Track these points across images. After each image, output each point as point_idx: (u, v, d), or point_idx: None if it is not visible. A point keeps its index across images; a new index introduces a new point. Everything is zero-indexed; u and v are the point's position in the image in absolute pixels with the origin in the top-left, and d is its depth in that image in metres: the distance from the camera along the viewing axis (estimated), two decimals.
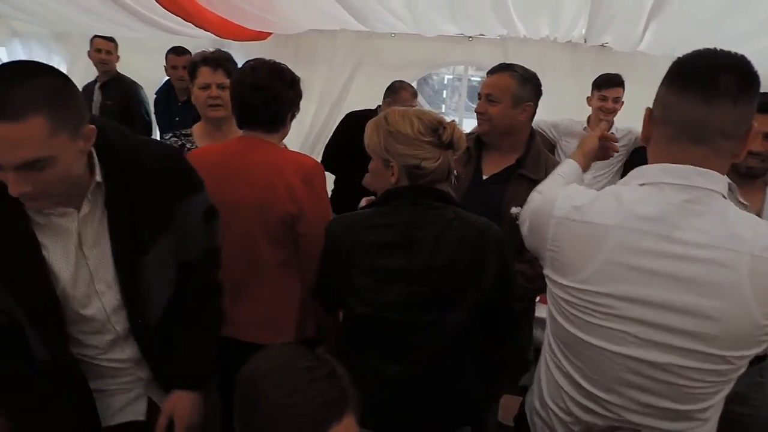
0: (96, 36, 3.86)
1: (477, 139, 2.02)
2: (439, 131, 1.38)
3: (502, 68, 1.94)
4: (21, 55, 4.94)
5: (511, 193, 1.90)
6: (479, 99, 1.97)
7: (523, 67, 1.95)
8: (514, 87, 1.89)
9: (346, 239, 1.42)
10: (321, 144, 4.18)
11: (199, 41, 4.34)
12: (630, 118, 3.19)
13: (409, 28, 3.66)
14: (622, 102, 3.22)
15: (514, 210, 1.91)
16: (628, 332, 1.08)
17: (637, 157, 3.12)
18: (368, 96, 4.25)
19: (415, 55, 4.18)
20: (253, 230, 1.71)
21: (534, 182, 1.88)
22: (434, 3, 3.10)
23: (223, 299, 1.50)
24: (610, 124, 3.18)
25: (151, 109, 4.15)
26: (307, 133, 4.19)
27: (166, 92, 4.02)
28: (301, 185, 1.69)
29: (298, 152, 1.84)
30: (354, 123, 3.19)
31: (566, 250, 1.15)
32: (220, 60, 2.17)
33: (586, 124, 3.26)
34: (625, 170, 3.15)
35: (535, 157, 1.96)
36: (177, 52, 3.77)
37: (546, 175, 1.91)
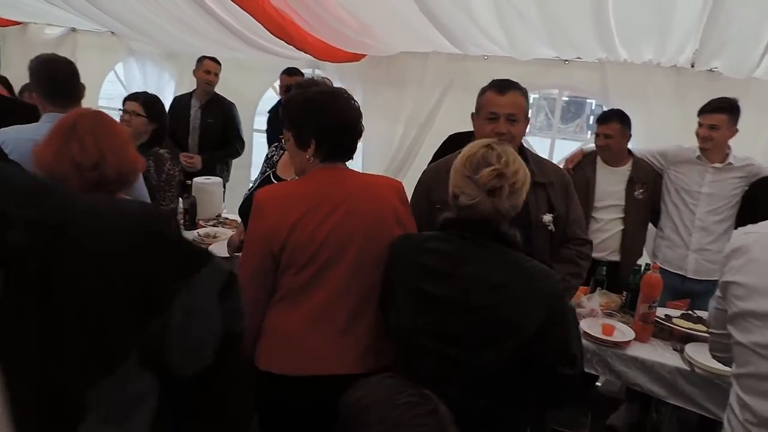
0: (206, 57, 4.11)
1: None
2: (479, 170, 1.35)
3: (511, 86, 1.96)
4: (136, 71, 5.36)
5: (532, 201, 1.95)
6: (491, 118, 1.94)
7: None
8: (525, 104, 1.97)
9: (403, 257, 1.50)
10: (407, 166, 4.22)
11: (296, 62, 4.54)
12: (742, 147, 2.97)
13: (503, 51, 3.63)
14: (734, 130, 2.94)
15: (546, 218, 2.00)
16: None
17: (760, 189, 2.83)
18: (457, 118, 4.24)
19: (508, 77, 4.12)
20: (363, 259, 1.64)
21: (545, 186, 2.03)
22: (532, 27, 3.06)
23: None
24: (725, 153, 2.92)
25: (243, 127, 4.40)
26: (394, 154, 4.23)
27: (277, 111, 4.23)
28: (401, 206, 1.70)
29: (375, 174, 1.83)
30: (457, 145, 3.21)
31: None
32: None
33: (698, 152, 2.99)
34: (743, 202, 2.89)
35: (535, 162, 2.04)
36: (288, 72, 3.95)
37: (552, 175, 2.08)
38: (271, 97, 5.05)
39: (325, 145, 1.62)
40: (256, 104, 4.99)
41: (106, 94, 5.94)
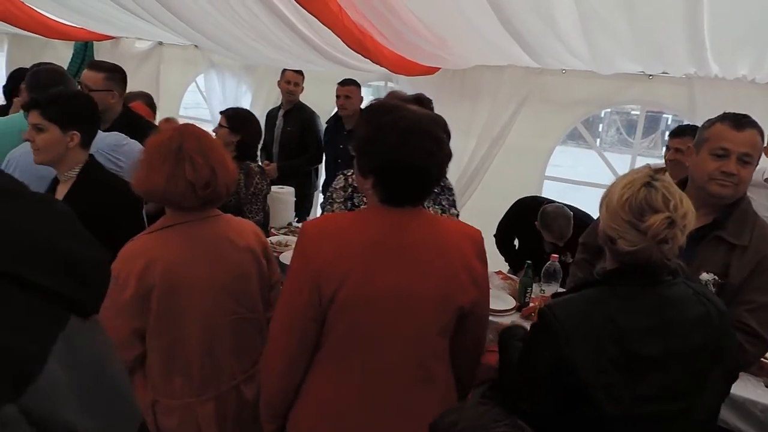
0: (287, 69, 4.25)
1: None
2: (644, 217, 1.20)
3: (749, 122, 1.71)
4: (215, 82, 5.58)
5: (703, 255, 1.71)
6: (720, 155, 1.69)
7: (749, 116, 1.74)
8: (761, 145, 1.70)
9: (580, 327, 1.23)
10: (477, 180, 4.16)
11: (370, 75, 4.58)
12: None
13: (584, 65, 3.51)
14: None
15: (704, 276, 1.71)
16: None
17: None
18: (531, 133, 4.17)
19: (587, 92, 4.00)
20: (427, 327, 1.38)
21: (734, 247, 1.69)
22: (619, 40, 2.94)
23: None
24: None
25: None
26: (465, 168, 4.18)
27: (334, 120, 4.30)
28: (478, 263, 1.43)
29: (450, 218, 1.59)
30: (525, 211, 3.25)
31: None
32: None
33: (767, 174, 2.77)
34: None
35: (740, 219, 1.73)
36: (342, 82, 4.06)
37: (752, 241, 1.68)
38: None
39: (384, 186, 1.36)
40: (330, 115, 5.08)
41: (186, 103, 6.24)
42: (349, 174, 2.43)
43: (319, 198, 5.18)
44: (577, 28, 2.85)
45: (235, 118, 2.94)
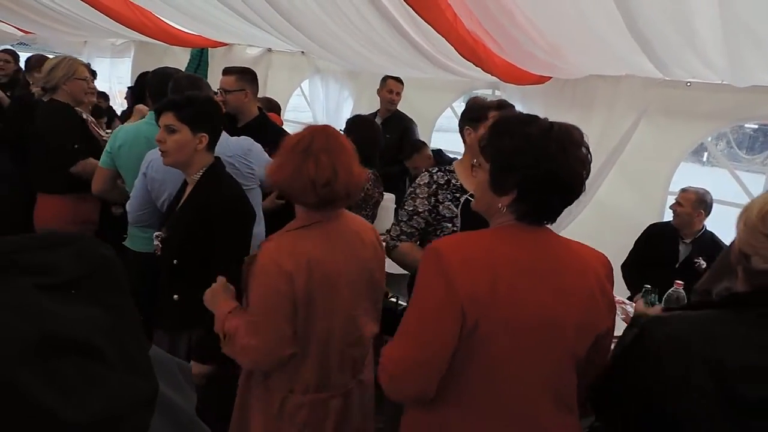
0: (389, 77, 4.26)
1: None
2: None
3: None
4: (319, 88, 5.72)
5: None
6: None
7: None
8: None
9: (683, 356, 1.08)
10: (588, 197, 3.91)
11: (476, 83, 4.50)
12: None
13: (717, 76, 3.22)
14: None
15: None
16: None
17: None
18: (651, 148, 3.89)
19: (715, 106, 3.67)
20: (566, 357, 1.27)
21: None
22: (765, 51, 2.66)
23: None
24: None
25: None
26: None
27: None
28: (610, 289, 1.33)
29: (577, 242, 1.42)
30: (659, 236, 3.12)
31: None
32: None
33: None
34: None
35: None
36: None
37: None
38: (450, 116, 5.09)
39: (529, 201, 1.25)
40: (434, 123, 5.05)
41: (291, 107, 6.45)
42: (435, 171, 2.40)
43: None
44: (717, 36, 2.61)
45: (352, 125, 2.98)
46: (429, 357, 1.22)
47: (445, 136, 5.81)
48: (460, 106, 5.57)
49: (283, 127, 3.71)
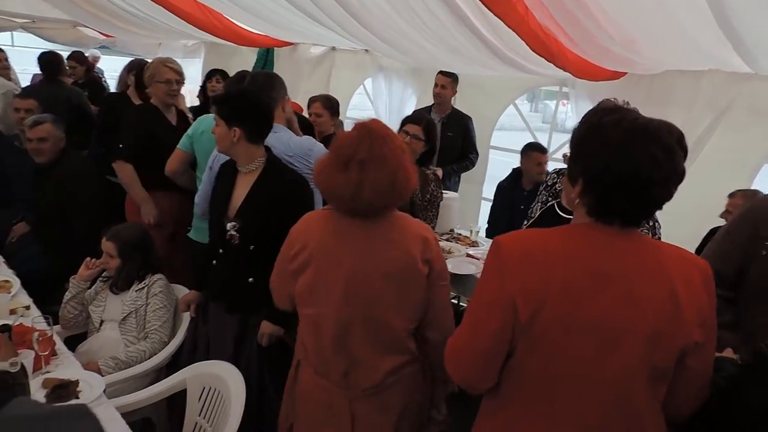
0: (439, 72, 4.30)
1: None
2: None
3: None
4: (382, 86, 5.73)
5: None
6: None
7: None
8: None
9: None
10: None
11: (543, 79, 4.38)
12: None
13: None
14: None
15: None
16: None
17: None
18: (732, 147, 3.66)
19: None
20: (635, 369, 1.20)
21: None
22: None
23: None
24: None
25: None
26: None
27: None
28: (707, 300, 1.22)
29: (676, 246, 1.32)
30: None
31: None
32: None
33: None
34: None
35: None
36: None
37: None
38: (512, 113, 4.99)
39: (593, 194, 1.22)
40: (495, 121, 4.95)
41: (353, 105, 6.51)
42: (557, 172, 2.41)
43: (481, 204, 5.08)
44: None
45: (431, 129, 2.99)
46: (484, 347, 1.26)
47: (507, 135, 5.70)
48: (523, 104, 5.46)
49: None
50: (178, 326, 2.67)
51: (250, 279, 2.30)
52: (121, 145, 3.22)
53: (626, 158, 1.15)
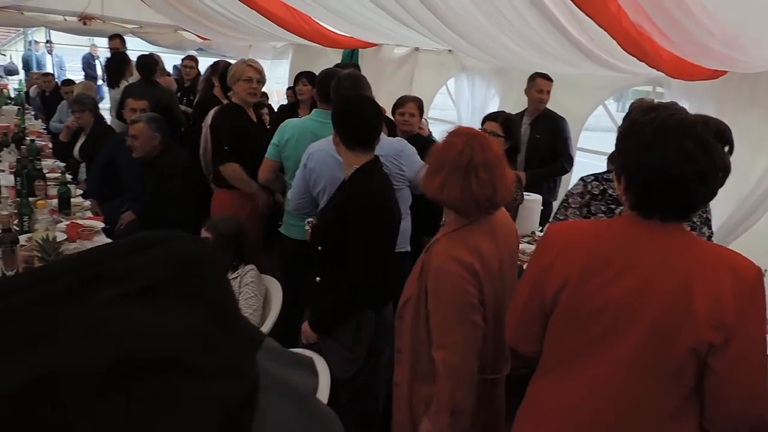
0: (538, 75, 4.14)
1: None
2: None
3: None
4: (465, 86, 5.71)
5: None
6: None
7: None
8: None
9: None
10: (762, 209, 3.47)
11: (635, 79, 4.20)
12: None
13: None
14: None
15: None
16: None
17: None
18: None
19: None
20: (632, 356, 1.24)
21: None
22: None
23: None
24: None
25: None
26: (750, 193, 3.50)
27: None
28: (734, 306, 1.17)
29: (727, 249, 1.31)
30: None
31: None
32: None
33: None
34: None
35: None
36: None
37: None
38: (602, 114, 4.81)
39: (631, 190, 1.27)
40: (584, 121, 4.79)
41: (436, 105, 6.53)
42: (589, 181, 2.34)
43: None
44: None
45: (510, 125, 2.95)
46: (525, 319, 1.43)
47: (595, 136, 5.50)
48: (610, 103, 5.24)
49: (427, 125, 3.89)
50: (266, 316, 2.82)
51: (317, 278, 2.33)
52: (225, 148, 3.32)
53: (656, 154, 1.19)
